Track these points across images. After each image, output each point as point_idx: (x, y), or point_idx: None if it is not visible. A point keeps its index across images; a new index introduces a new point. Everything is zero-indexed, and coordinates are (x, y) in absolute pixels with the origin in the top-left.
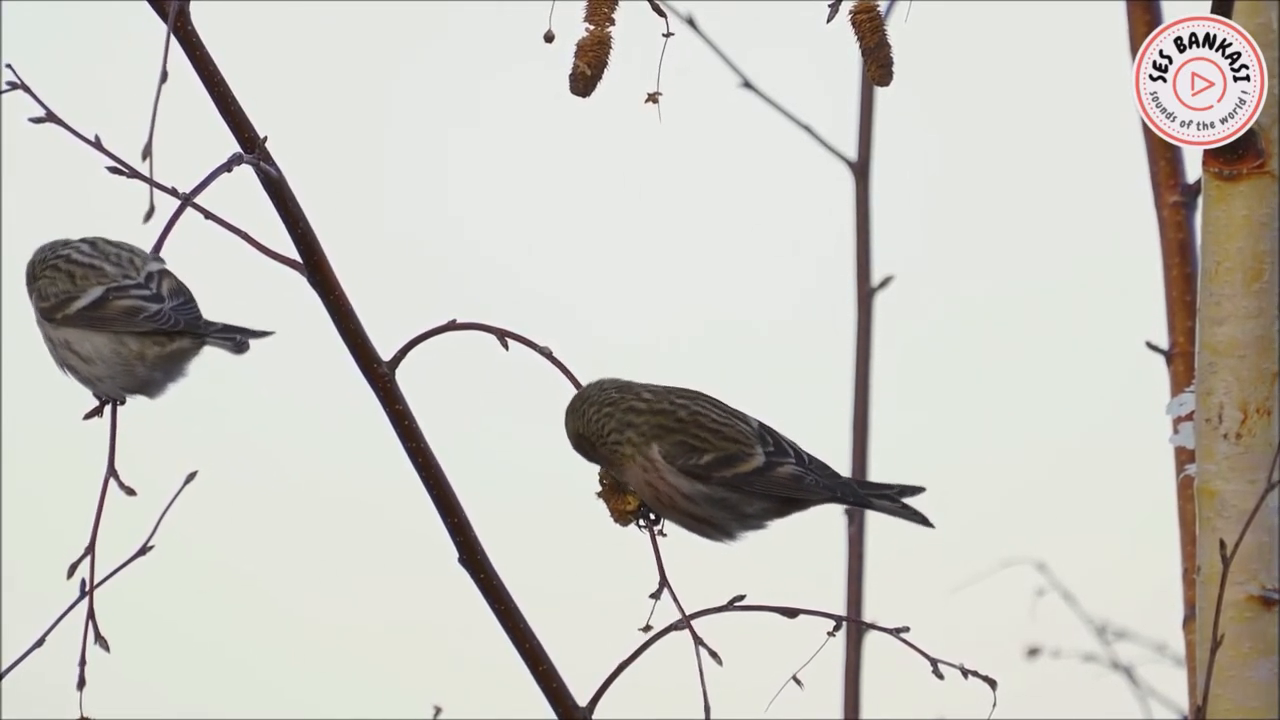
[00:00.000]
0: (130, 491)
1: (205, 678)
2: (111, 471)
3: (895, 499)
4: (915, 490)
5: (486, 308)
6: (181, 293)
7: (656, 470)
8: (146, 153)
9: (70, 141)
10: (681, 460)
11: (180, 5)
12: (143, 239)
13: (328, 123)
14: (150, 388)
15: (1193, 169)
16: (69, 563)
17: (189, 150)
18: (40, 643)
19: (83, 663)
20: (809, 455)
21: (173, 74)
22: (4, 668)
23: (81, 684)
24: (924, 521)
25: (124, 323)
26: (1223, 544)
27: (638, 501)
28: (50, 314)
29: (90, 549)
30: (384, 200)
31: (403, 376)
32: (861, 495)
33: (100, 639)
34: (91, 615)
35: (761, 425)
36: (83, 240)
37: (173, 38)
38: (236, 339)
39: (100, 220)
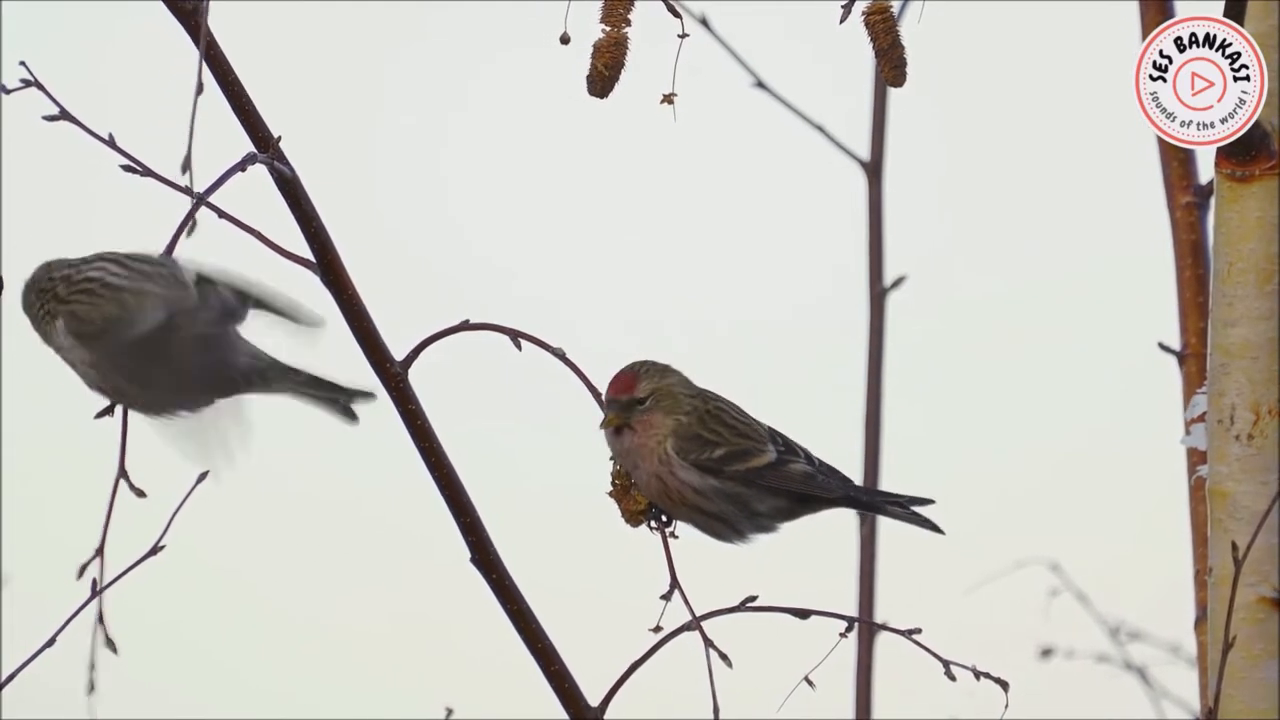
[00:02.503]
0: (140, 493)
1: (214, 678)
2: (122, 473)
3: (905, 506)
4: (926, 501)
5: (499, 308)
6: (250, 299)
7: (669, 465)
8: (186, 166)
9: (69, 143)
10: (694, 455)
11: (203, 15)
12: (150, 238)
13: (341, 122)
14: (199, 408)
15: (1205, 170)
16: (75, 563)
17: (202, 149)
18: (51, 643)
19: (93, 666)
20: (819, 460)
21: (186, 73)
22: (11, 669)
23: (92, 689)
24: (933, 528)
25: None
26: (1234, 545)
27: (648, 501)
28: (94, 339)
29: (100, 550)
30: (398, 200)
31: (415, 376)
32: (873, 500)
33: (109, 641)
34: (101, 618)
35: (771, 429)
36: (101, 259)
37: (188, 36)
38: (342, 402)
39: (102, 220)
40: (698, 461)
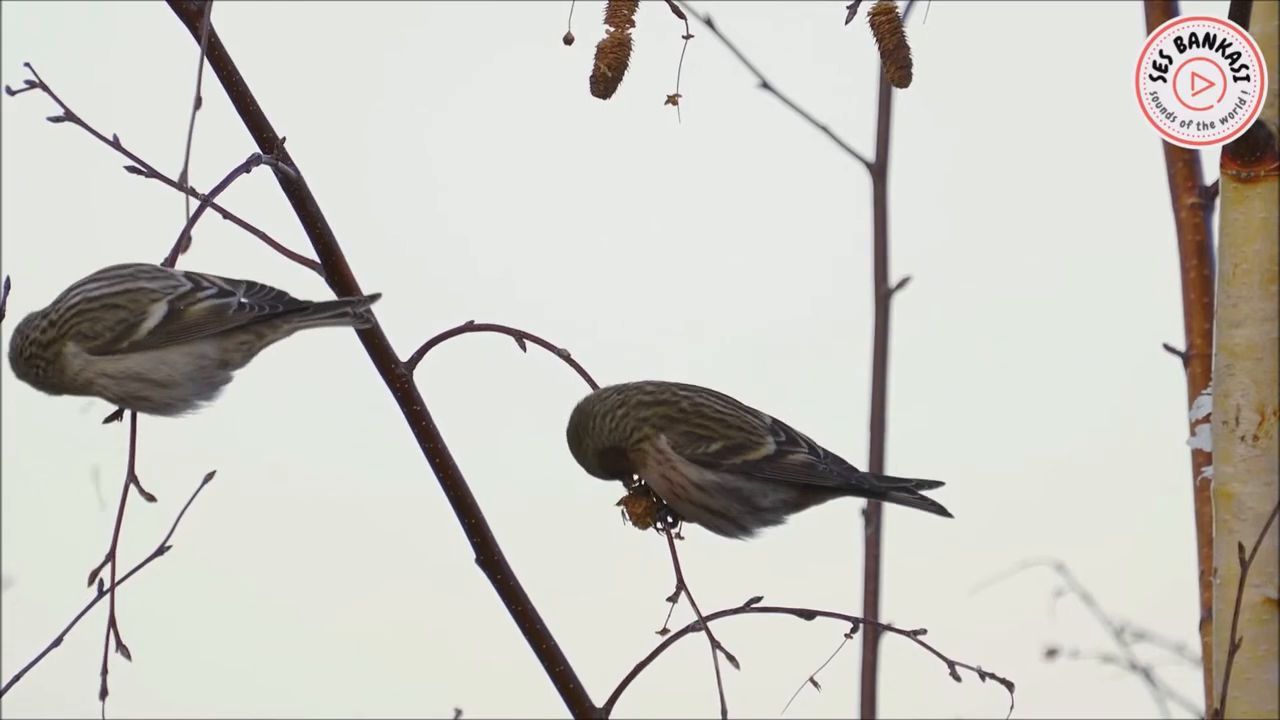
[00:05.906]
0: (150, 498)
1: (220, 678)
2: (132, 477)
3: (912, 490)
4: (933, 484)
5: (504, 309)
6: (239, 283)
7: (669, 461)
8: (183, 178)
9: (73, 144)
10: (690, 449)
11: (207, 17)
12: (155, 238)
13: (346, 124)
14: (217, 394)
15: (1210, 171)
16: (82, 563)
17: (207, 150)
18: (58, 642)
19: (105, 672)
20: (824, 450)
21: (191, 74)
22: (18, 669)
23: (104, 694)
24: (941, 511)
25: (215, 324)
26: (1240, 546)
27: (655, 504)
28: (110, 347)
29: (111, 555)
30: (402, 201)
31: (420, 377)
32: (877, 485)
33: (121, 646)
34: (113, 622)
35: (775, 420)
36: (70, 290)
37: (191, 36)
38: (352, 311)
39: (105, 221)
40: (694, 456)
